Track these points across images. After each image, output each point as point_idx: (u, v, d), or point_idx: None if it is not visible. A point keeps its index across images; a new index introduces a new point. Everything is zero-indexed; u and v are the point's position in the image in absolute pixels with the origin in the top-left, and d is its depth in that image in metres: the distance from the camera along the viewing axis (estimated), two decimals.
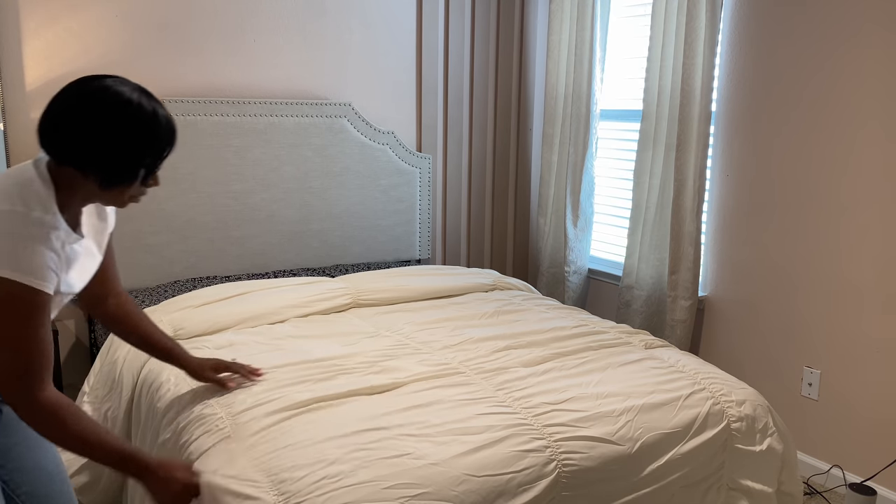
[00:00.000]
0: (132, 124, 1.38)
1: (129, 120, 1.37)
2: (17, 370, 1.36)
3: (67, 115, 1.36)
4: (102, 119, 1.36)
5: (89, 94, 1.36)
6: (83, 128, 1.35)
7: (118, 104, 1.37)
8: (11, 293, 1.33)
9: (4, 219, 1.32)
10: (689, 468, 1.98)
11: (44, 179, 1.39)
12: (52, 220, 1.37)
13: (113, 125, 1.36)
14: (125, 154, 1.39)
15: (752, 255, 3.06)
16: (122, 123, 1.37)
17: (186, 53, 3.15)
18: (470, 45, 3.85)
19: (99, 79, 1.39)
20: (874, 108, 2.61)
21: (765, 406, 2.17)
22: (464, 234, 4.01)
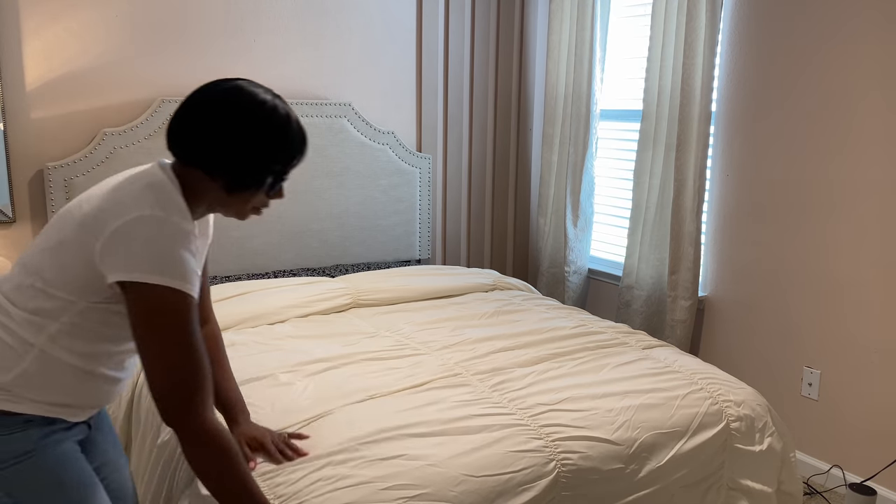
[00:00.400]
0: (265, 127, 1.34)
1: (261, 122, 1.34)
2: (181, 386, 1.27)
3: (199, 115, 1.33)
4: (235, 119, 1.33)
5: (222, 95, 1.34)
6: (215, 128, 1.33)
7: (252, 105, 1.34)
8: (164, 299, 1.26)
9: (145, 224, 1.27)
10: (688, 468, 1.98)
11: (174, 183, 1.35)
12: (189, 225, 1.32)
13: (245, 126, 1.33)
14: (255, 157, 1.34)
15: (752, 255, 3.06)
16: (254, 125, 1.33)
17: (186, 53, 3.15)
18: (470, 45, 3.85)
19: (231, 80, 1.37)
20: (874, 107, 2.61)
21: (764, 406, 2.17)
22: (464, 234, 4.01)
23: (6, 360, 1.33)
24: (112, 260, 1.27)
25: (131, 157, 2.98)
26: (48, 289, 1.33)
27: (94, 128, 3.00)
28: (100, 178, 2.92)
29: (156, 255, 1.26)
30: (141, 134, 3.00)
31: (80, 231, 1.31)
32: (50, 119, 2.91)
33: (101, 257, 1.28)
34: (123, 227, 1.27)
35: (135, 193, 1.31)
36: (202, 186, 1.38)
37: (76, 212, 1.34)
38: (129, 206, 1.29)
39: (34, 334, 1.33)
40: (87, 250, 1.29)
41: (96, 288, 1.32)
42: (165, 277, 1.26)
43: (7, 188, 2.85)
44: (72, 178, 2.88)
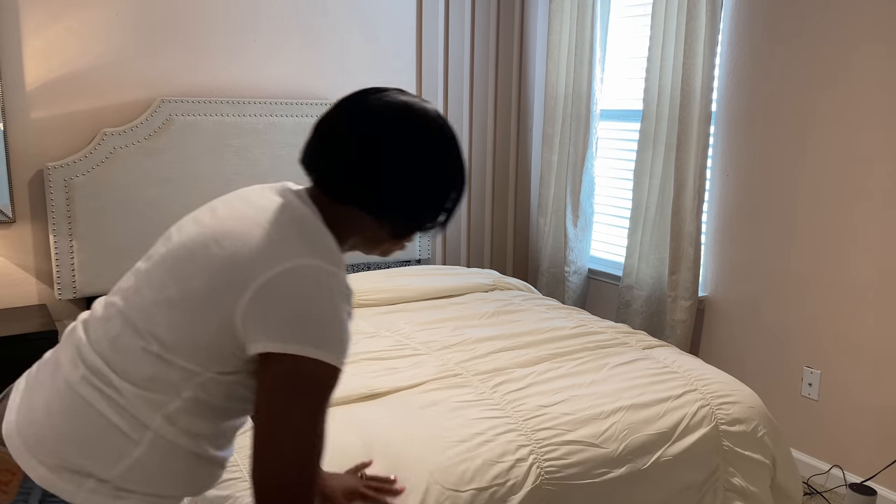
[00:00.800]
0: (446, 155, 1.09)
1: (441, 148, 1.08)
2: (303, 478, 1.00)
3: (368, 148, 1.06)
4: (416, 148, 1.07)
5: (393, 117, 1.07)
6: (392, 161, 1.06)
7: (431, 128, 1.08)
8: (315, 375, 1.00)
9: (301, 277, 1.00)
10: (680, 471, 1.97)
11: (319, 219, 1.09)
12: (346, 276, 1.06)
13: (429, 159, 1.07)
14: (436, 193, 1.09)
15: (752, 255, 3.06)
16: (435, 153, 1.08)
17: (186, 53, 3.15)
18: (470, 45, 3.85)
19: (389, 94, 1.10)
20: (874, 107, 2.61)
21: (758, 406, 2.16)
22: (464, 234, 4.01)
23: (114, 446, 1.03)
24: (259, 325, 1.00)
25: (131, 157, 2.98)
26: (166, 354, 1.04)
27: (94, 128, 3.00)
28: (100, 178, 2.92)
29: (315, 320, 1.00)
30: (141, 134, 3.00)
31: (214, 283, 1.03)
32: (50, 119, 2.91)
33: (244, 320, 1.01)
34: (275, 282, 1.00)
35: (282, 233, 1.04)
36: (356, 226, 1.12)
37: (201, 254, 1.05)
38: (279, 253, 1.02)
39: (150, 414, 1.04)
40: (226, 310, 1.02)
41: (230, 356, 1.04)
42: (323, 351, 1.00)
43: (7, 188, 2.85)
44: (72, 178, 2.88)
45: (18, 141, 2.87)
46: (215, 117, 3.14)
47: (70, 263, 2.91)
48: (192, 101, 3.09)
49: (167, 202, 3.08)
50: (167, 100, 3.04)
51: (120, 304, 1.09)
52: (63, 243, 2.89)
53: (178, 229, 1.13)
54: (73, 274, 2.92)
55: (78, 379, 1.06)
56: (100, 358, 1.06)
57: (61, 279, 2.90)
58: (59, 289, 2.91)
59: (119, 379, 1.04)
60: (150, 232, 3.05)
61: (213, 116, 3.14)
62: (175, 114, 3.06)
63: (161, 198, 3.06)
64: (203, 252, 1.05)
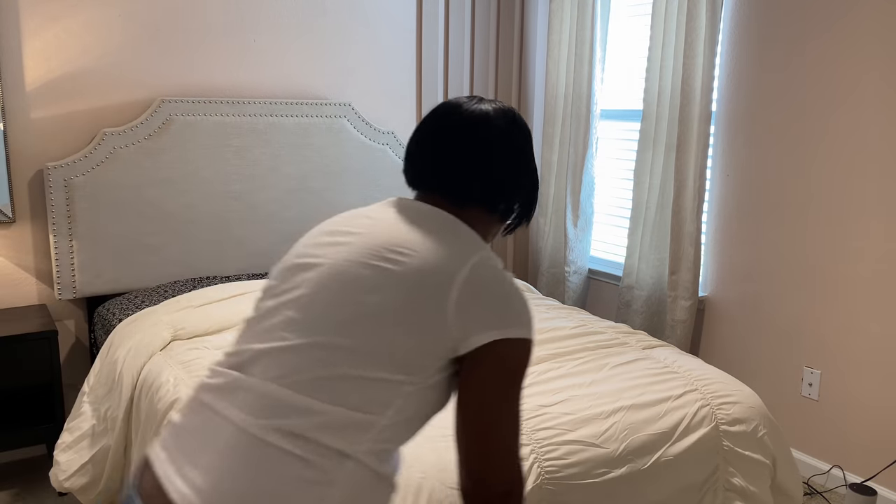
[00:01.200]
0: (531, 142, 1.25)
1: (530, 139, 1.25)
2: (516, 446, 1.03)
3: (484, 151, 1.16)
4: (519, 144, 1.20)
5: (496, 121, 1.19)
6: (506, 161, 1.18)
7: (522, 125, 1.23)
8: (526, 355, 1.05)
9: (491, 267, 1.07)
10: (680, 471, 1.97)
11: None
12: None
13: (527, 148, 1.23)
14: (535, 176, 1.25)
15: (752, 255, 3.06)
16: (530, 144, 1.24)
17: (186, 53, 3.15)
18: (470, 45, 3.85)
19: (471, 101, 1.22)
20: (874, 107, 2.61)
21: (758, 406, 2.16)
22: None
23: (311, 492, 0.97)
24: (472, 320, 1.02)
25: (131, 157, 2.98)
26: (367, 373, 1.01)
27: (94, 128, 3.00)
28: (100, 178, 2.92)
29: (516, 303, 1.05)
30: (141, 134, 3.00)
31: (410, 294, 1.03)
32: (50, 119, 2.91)
33: (455, 321, 1.02)
34: (472, 278, 1.04)
35: (448, 235, 1.09)
36: (477, 221, 1.20)
37: (375, 270, 1.05)
38: (461, 251, 1.07)
39: (357, 437, 1.00)
40: (430, 316, 1.02)
41: (433, 362, 1.03)
42: (529, 329, 1.05)
43: (7, 188, 2.85)
44: (72, 178, 2.88)
45: (18, 141, 2.87)
46: (215, 117, 3.14)
47: (70, 263, 2.91)
48: (192, 101, 3.09)
49: (167, 202, 3.08)
50: (167, 100, 3.04)
51: (292, 338, 1.04)
52: (63, 243, 2.89)
53: (314, 254, 1.11)
54: (72, 274, 2.92)
55: (261, 425, 0.98)
56: (292, 391, 1.00)
57: (61, 279, 2.90)
58: (58, 289, 2.91)
59: (325, 404, 0.99)
60: (149, 232, 3.05)
61: (213, 116, 3.14)
62: (175, 114, 3.06)
63: (161, 198, 3.06)
64: (378, 268, 1.05)
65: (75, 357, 3.08)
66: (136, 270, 3.05)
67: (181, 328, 2.45)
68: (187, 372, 2.15)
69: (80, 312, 3.07)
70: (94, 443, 2.33)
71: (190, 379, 2.11)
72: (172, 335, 2.41)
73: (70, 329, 3.06)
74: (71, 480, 2.33)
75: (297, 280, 1.09)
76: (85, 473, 2.32)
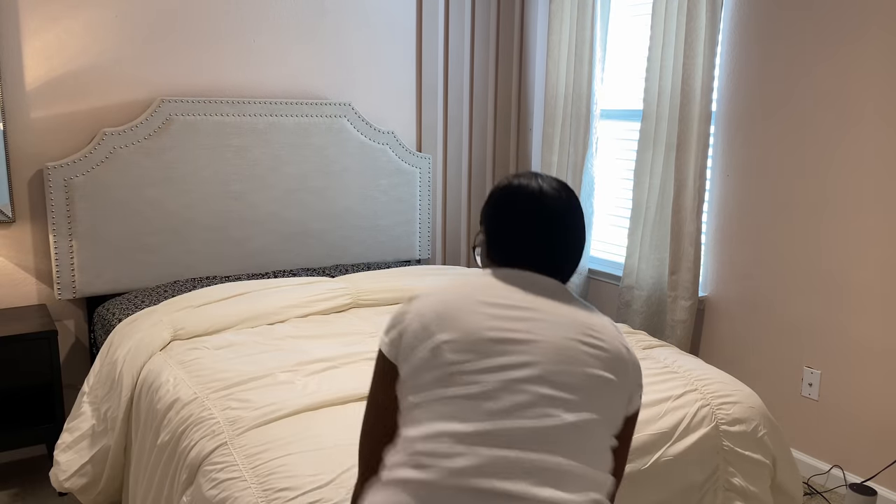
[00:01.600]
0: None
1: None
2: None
3: (579, 229, 1.32)
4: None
5: (576, 202, 1.34)
6: (581, 234, 1.34)
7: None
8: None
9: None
10: (680, 471, 1.96)
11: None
12: None
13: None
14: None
15: (752, 255, 3.06)
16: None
17: (186, 53, 3.15)
18: (470, 45, 3.85)
19: (554, 180, 1.35)
20: (874, 108, 2.61)
21: (758, 407, 2.16)
22: (464, 234, 4.01)
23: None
24: (637, 386, 1.26)
25: (131, 157, 2.98)
26: (611, 441, 1.21)
27: (94, 128, 3.00)
28: (100, 178, 2.92)
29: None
30: (141, 134, 3.00)
31: (613, 373, 1.20)
32: (50, 119, 2.91)
33: (634, 388, 1.25)
34: (634, 357, 1.27)
35: (598, 313, 1.29)
36: None
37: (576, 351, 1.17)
38: (619, 334, 1.27)
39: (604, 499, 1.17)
40: (627, 388, 1.23)
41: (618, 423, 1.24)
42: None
43: (7, 188, 2.85)
44: (72, 178, 2.88)
45: (18, 141, 2.87)
46: (215, 117, 3.14)
47: (70, 263, 2.91)
48: (192, 101, 3.09)
49: (167, 202, 3.08)
50: (167, 100, 3.04)
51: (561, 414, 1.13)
52: (63, 243, 2.89)
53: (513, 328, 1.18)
54: (72, 274, 2.92)
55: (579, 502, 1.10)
56: (586, 466, 1.13)
57: (61, 279, 2.90)
58: (58, 289, 2.91)
59: (602, 473, 1.15)
60: (149, 232, 3.05)
61: (213, 116, 3.14)
62: (175, 114, 3.06)
63: (161, 198, 3.06)
64: (591, 345, 1.19)
65: (75, 357, 3.09)
66: (136, 270, 3.05)
67: (181, 328, 2.45)
68: (187, 372, 2.15)
69: (79, 312, 3.07)
70: (93, 443, 2.33)
71: (189, 380, 2.10)
72: (172, 335, 2.41)
73: (70, 329, 3.06)
74: (71, 480, 2.33)
75: (514, 356, 1.16)
76: (85, 473, 2.32)
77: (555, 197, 1.29)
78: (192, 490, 1.75)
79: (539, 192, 1.29)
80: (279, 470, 1.64)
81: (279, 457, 1.68)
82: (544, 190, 1.29)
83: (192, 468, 1.77)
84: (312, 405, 1.90)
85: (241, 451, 1.72)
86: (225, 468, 1.69)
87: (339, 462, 1.66)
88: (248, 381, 2.06)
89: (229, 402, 1.93)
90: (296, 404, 1.90)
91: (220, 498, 1.63)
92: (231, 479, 1.65)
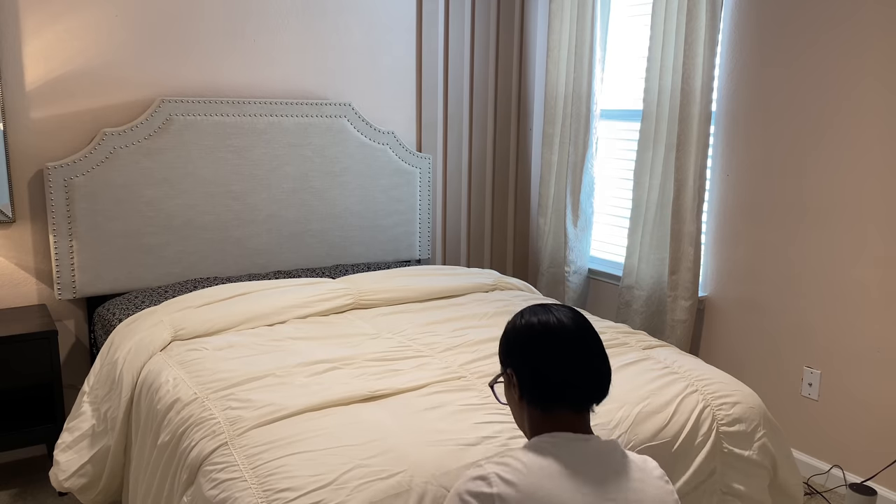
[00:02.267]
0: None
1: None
2: None
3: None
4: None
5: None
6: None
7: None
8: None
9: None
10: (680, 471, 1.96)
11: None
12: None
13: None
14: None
15: (752, 255, 3.06)
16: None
17: (186, 53, 3.15)
18: (470, 45, 3.85)
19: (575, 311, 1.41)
20: (874, 108, 2.61)
21: (758, 407, 2.15)
22: (464, 234, 4.01)
23: None
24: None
25: (131, 157, 2.98)
26: None
27: (94, 128, 3.00)
28: (100, 178, 2.92)
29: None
30: (141, 134, 3.00)
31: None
32: (50, 119, 2.91)
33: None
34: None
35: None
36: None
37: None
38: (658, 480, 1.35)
39: None
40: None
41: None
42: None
43: (7, 188, 2.85)
44: (72, 178, 2.88)
45: (18, 141, 2.87)
46: (215, 117, 3.14)
47: (70, 263, 2.91)
48: (192, 101, 3.09)
49: (167, 202, 3.08)
50: (167, 100, 3.04)
51: None
52: (63, 243, 2.89)
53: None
54: (72, 274, 2.92)
55: None
56: None
57: (61, 279, 2.90)
58: (58, 289, 2.91)
59: None
60: (149, 232, 3.05)
61: (213, 116, 3.14)
62: (175, 114, 3.06)
63: (161, 198, 3.06)
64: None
65: (75, 357, 3.08)
66: (137, 270, 3.05)
67: (181, 329, 2.45)
68: (187, 372, 2.15)
69: (79, 312, 3.07)
70: (94, 443, 2.33)
71: (189, 380, 2.10)
72: (172, 335, 2.41)
73: (70, 329, 3.06)
74: (71, 480, 2.33)
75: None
76: (85, 473, 2.32)
77: (586, 326, 1.37)
78: (192, 490, 1.75)
79: (575, 325, 1.36)
80: (280, 470, 1.64)
81: (280, 457, 1.68)
82: (577, 322, 1.36)
83: (193, 468, 1.77)
84: (313, 405, 1.90)
85: (242, 451, 1.72)
86: (225, 468, 1.69)
87: (340, 463, 1.66)
88: (249, 382, 2.06)
89: (230, 403, 1.93)
90: (297, 405, 1.90)
91: (220, 498, 1.63)
92: (231, 479, 1.65)
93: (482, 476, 1.24)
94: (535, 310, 1.38)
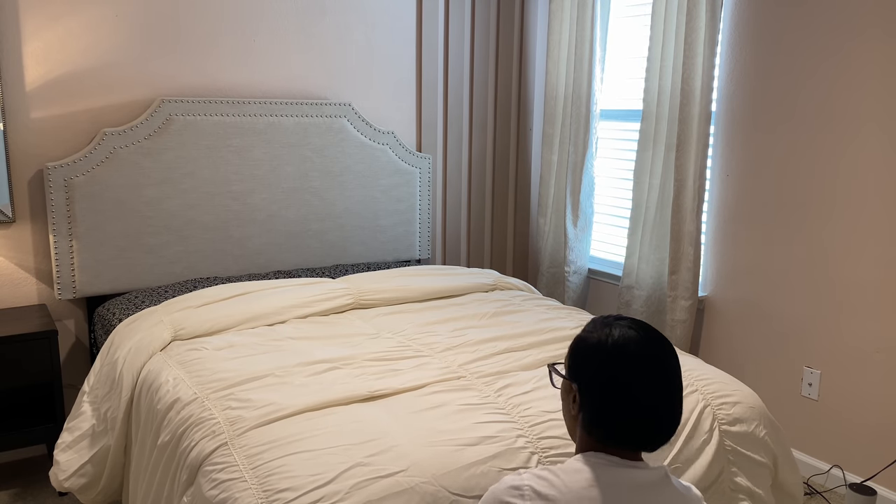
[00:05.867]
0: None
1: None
2: None
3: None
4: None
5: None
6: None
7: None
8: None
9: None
10: (685, 473, 1.97)
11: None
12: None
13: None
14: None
15: (752, 255, 3.06)
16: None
17: (186, 53, 3.15)
18: (470, 45, 3.85)
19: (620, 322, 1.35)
20: (874, 108, 2.61)
21: (759, 407, 2.16)
22: (464, 234, 4.01)
23: None
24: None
25: (131, 157, 2.98)
26: None
27: (94, 128, 3.00)
28: (100, 179, 2.92)
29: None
30: (141, 134, 3.00)
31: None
32: (50, 119, 2.91)
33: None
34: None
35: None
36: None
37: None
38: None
39: None
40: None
41: None
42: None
43: (7, 188, 2.85)
44: (72, 178, 2.88)
45: (18, 141, 2.87)
46: (215, 117, 3.14)
47: (70, 263, 2.91)
48: (192, 101, 3.09)
49: (167, 202, 3.08)
50: (167, 100, 3.04)
51: None
52: (63, 243, 2.89)
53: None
54: (72, 274, 2.92)
55: None
56: None
57: (61, 279, 2.90)
58: (58, 289, 2.91)
59: None
60: (149, 232, 3.05)
61: (213, 116, 3.14)
62: (175, 114, 3.06)
63: (161, 198, 3.06)
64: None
65: (75, 357, 3.09)
66: (136, 270, 3.05)
67: (181, 328, 2.45)
68: (187, 372, 2.15)
69: (80, 312, 3.07)
70: (94, 443, 2.33)
71: (189, 380, 2.11)
72: (173, 335, 2.41)
73: (70, 329, 3.06)
74: (71, 480, 2.33)
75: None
76: (85, 473, 2.32)
77: (674, 374, 1.29)
78: (192, 490, 1.75)
79: (664, 375, 1.27)
80: (280, 470, 1.64)
81: (280, 457, 1.68)
82: (667, 373, 1.27)
83: (193, 468, 1.77)
84: (313, 405, 1.90)
85: (242, 451, 1.72)
86: (225, 468, 1.69)
87: (340, 462, 1.66)
88: (249, 382, 2.06)
89: (230, 403, 1.93)
90: (297, 404, 1.90)
91: (220, 498, 1.63)
92: (231, 479, 1.65)
93: (517, 486, 1.23)
94: (627, 338, 1.27)
